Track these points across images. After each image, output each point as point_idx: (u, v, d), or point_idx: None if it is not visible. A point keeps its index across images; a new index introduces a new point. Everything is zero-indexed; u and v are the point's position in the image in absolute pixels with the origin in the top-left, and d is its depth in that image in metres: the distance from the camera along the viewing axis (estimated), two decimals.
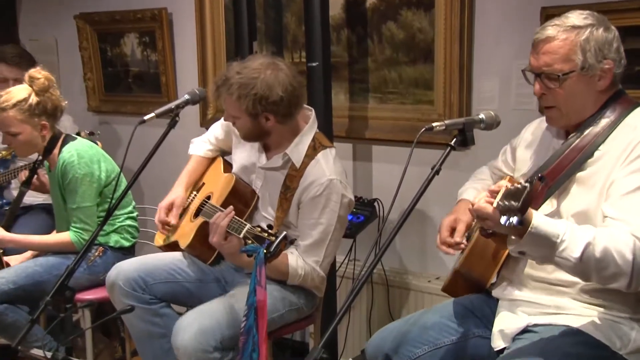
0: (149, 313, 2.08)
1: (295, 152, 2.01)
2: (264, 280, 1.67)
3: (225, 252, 1.89)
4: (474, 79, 2.45)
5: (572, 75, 1.52)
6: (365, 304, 2.73)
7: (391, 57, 2.61)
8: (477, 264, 1.69)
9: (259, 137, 2.02)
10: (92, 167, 2.42)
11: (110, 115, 3.67)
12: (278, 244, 1.67)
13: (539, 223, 1.36)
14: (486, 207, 1.36)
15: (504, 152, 1.88)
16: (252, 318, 1.69)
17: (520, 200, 1.25)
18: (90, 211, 2.42)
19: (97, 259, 2.48)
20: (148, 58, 3.42)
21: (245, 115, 1.94)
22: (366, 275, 1.39)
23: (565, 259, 1.37)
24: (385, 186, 2.70)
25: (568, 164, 1.54)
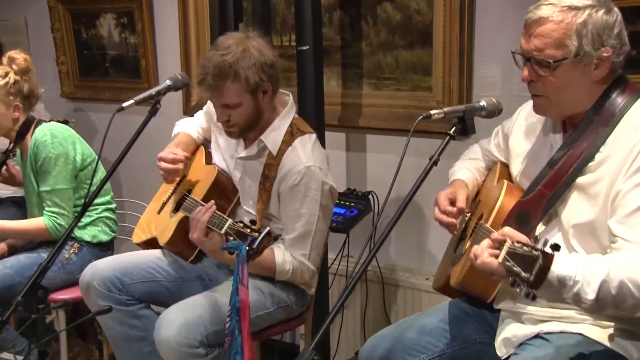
0: (127, 315, 2.07)
1: (271, 138, 2.01)
2: (246, 279, 1.67)
3: (207, 249, 1.89)
4: (475, 63, 2.45)
5: (565, 63, 1.46)
6: (359, 303, 2.74)
7: (387, 41, 2.61)
8: (475, 283, 1.62)
9: (254, 124, 2.00)
10: (67, 147, 2.42)
11: (86, 102, 3.64)
12: (261, 240, 1.67)
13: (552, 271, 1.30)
14: (491, 262, 1.33)
15: (496, 134, 1.85)
16: (234, 319, 1.69)
17: (533, 273, 1.23)
18: (65, 194, 2.41)
19: (72, 256, 2.47)
20: (126, 40, 3.39)
21: (247, 95, 1.92)
22: (360, 272, 1.39)
23: (580, 301, 1.34)
24: (380, 178, 2.71)
25: (567, 171, 1.50)
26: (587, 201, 1.47)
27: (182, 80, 1.98)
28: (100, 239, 2.54)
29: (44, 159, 2.38)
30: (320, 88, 2.51)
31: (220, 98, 1.93)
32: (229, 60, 1.89)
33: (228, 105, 1.94)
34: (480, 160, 1.89)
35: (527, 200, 1.54)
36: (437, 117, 1.54)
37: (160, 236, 2.14)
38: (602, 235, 1.46)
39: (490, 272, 1.35)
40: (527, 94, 2.30)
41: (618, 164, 1.44)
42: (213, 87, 1.91)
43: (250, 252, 1.67)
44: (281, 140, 2.00)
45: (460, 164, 1.89)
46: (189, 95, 3.19)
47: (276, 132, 2.01)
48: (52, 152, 2.38)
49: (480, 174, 1.87)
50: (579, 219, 1.48)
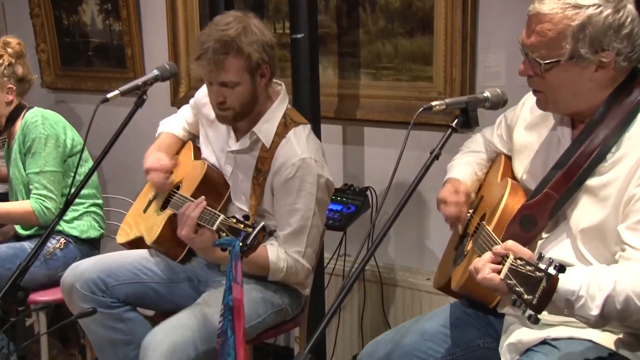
0: (111, 318, 2.07)
1: (263, 130, 2.01)
2: (240, 277, 1.67)
3: (197, 246, 1.89)
4: (479, 52, 2.45)
5: (559, 65, 1.45)
6: (356, 304, 2.75)
7: (385, 28, 2.61)
8: (477, 288, 1.59)
9: (249, 109, 1.99)
10: (58, 130, 2.47)
11: (68, 92, 3.63)
12: (255, 235, 1.67)
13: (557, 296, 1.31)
14: (492, 278, 1.33)
15: (499, 125, 1.84)
16: (227, 319, 1.69)
17: (536, 296, 1.23)
18: (55, 177, 2.43)
19: (57, 251, 2.47)
20: (111, 28, 3.38)
21: (246, 75, 1.92)
22: (357, 272, 1.39)
23: (584, 317, 1.35)
24: (379, 173, 2.71)
25: (577, 172, 1.48)
26: (597, 204, 1.46)
27: (170, 69, 1.97)
28: (90, 234, 2.54)
29: (33, 139, 2.42)
30: (315, 78, 2.50)
31: (220, 74, 1.92)
32: (231, 35, 1.89)
33: (226, 84, 1.93)
34: (482, 152, 1.89)
35: (533, 204, 1.53)
36: (438, 108, 1.53)
37: (147, 235, 2.14)
38: (610, 241, 1.45)
39: (491, 288, 1.36)
40: None
41: (632, 166, 1.42)
42: (214, 62, 1.89)
43: (244, 248, 1.66)
44: (274, 132, 2.00)
45: (459, 158, 1.89)
46: (177, 85, 3.18)
47: (269, 124, 2.01)
48: (42, 133, 2.43)
49: (481, 168, 1.86)
50: (587, 223, 1.47)
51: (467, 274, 1.61)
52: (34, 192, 2.42)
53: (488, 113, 1.67)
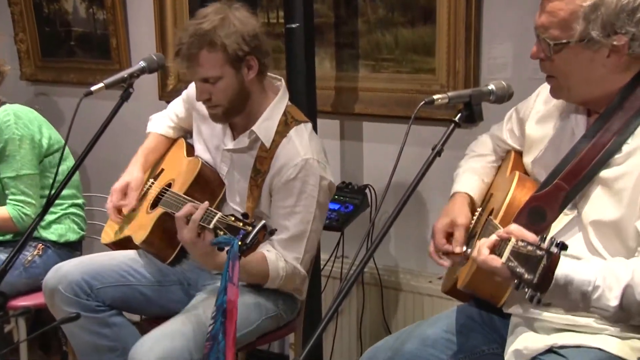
0: (96, 323, 2.07)
1: (263, 129, 2.01)
2: (236, 277, 1.66)
3: (198, 252, 1.83)
4: (483, 42, 2.46)
5: (568, 47, 1.47)
6: (355, 309, 2.76)
7: (385, 17, 2.61)
8: (484, 285, 1.63)
9: (240, 106, 2.00)
10: (32, 129, 2.44)
11: (49, 85, 3.63)
12: (255, 234, 1.67)
13: (565, 272, 1.32)
14: (493, 260, 1.35)
15: (509, 119, 1.85)
16: (219, 321, 1.69)
17: (537, 274, 1.24)
18: (32, 180, 2.42)
19: (35, 258, 2.47)
20: (94, 16, 3.38)
21: (228, 68, 1.93)
22: (356, 274, 1.40)
23: (602, 309, 1.35)
24: (378, 170, 2.72)
25: (590, 163, 1.49)
26: (611, 197, 1.47)
27: (157, 61, 1.98)
28: (68, 238, 2.54)
29: (7, 140, 2.39)
30: (311, 70, 2.51)
31: (197, 70, 1.93)
32: (205, 28, 1.90)
33: (207, 80, 1.94)
34: (490, 154, 1.88)
35: (542, 195, 1.54)
36: (440, 102, 1.54)
37: (136, 234, 2.14)
38: (627, 237, 1.45)
39: (492, 272, 1.37)
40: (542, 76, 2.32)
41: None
42: (188, 57, 1.92)
43: (243, 247, 1.66)
44: (274, 130, 2.00)
45: (465, 164, 1.88)
46: (166, 78, 3.18)
47: (269, 122, 2.01)
48: (16, 134, 2.39)
49: (489, 173, 1.86)
50: (600, 216, 1.48)
51: (472, 272, 1.63)
52: (10, 197, 2.41)
53: (493, 107, 1.67)
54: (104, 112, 1.87)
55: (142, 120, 2.36)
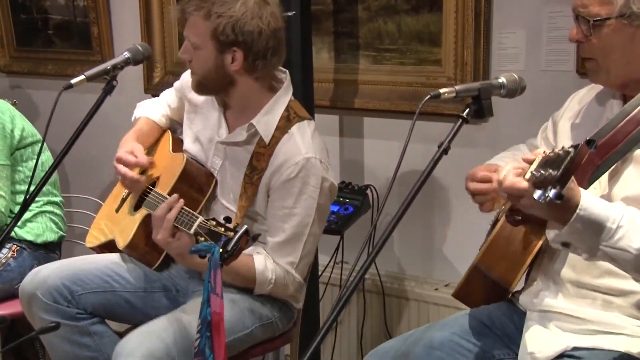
0: (76, 331, 2.07)
1: (263, 123, 2.02)
2: (220, 288, 1.67)
3: (173, 252, 1.90)
4: (493, 31, 2.47)
5: (608, 23, 1.53)
6: (355, 318, 2.77)
7: (388, 4, 2.62)
8: (498, 261, 1.69)
9: (217, 86, 2.02)
10: (3, 118, 2.44)
11: (25, 77, 3.63)
12: (237, 240, 1.68)
13: (590, 204, 1.36)
14: (517, 181, 1.36)
15: (545, 128, 1.90)
16: (205, 335, 1.70)
17: (561, 168, 1.24)
18: (3, 172, 2.42)
19: (10, 260, 2.47)
20: (74, 3, 3.38)
21: (210, 42, 1.96)
22: (356, 281, 1.41)
23: (623, 250, 1.37)
24: (380, 169, 2.73)
25: (623, 139, 1.53)
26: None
27: (143, 51, 1.99)
28: (46, 238, 2.54)
29: None
30: (308, 62, 2.52)
31: (186, 27, 2.01)
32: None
33: (189, 40, 2.00)
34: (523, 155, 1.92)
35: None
36: (447, 96, 1.55)
37: (119, 238, 2.15)
38: None
39: (517, 194, 1.36)
40: (556, 68, 2.36)
41: None
42: (180, 11, 2.00)
43: (224, 255, 1.67)
44: (275, 125, 2.01)
45: (497, 157, 1.92)
46: (152, 70, 3.19)
47: (270, 116, 2.02)
48: None
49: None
50: (631, 192, 1.52)
51: (487, 245, 1.67)
52: None
53: (504, 102, 1.68)
54: (84, 107, 1.88)
55: (126, 116, 2.36)
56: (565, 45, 2.29)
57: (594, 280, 1.59)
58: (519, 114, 2.36)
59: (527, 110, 2.32)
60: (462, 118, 1.55)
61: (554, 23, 2.35)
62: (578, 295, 1.60)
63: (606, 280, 1.57)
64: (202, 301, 1.71)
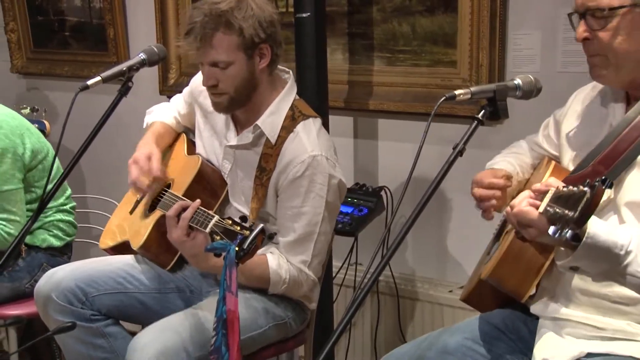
0: (90, 333, 2.08)
1: (268, 124, 2.02)
2: (235, 286, 1.68)
3: (187, 252, 1.90)
4: (509, 32, 2.46)
5: (623, 12, 1.51)
6: (369, 319, 2.76)
7: (402, 5, 2.62)
8: (510, 274, 1.67)
9: (246, 96, 2.01)
10: (14, 140, 2.42)
11: (41, 78, 3.66)
12: (253, 239, 1.68)
13: (597, 231, 1.36)
14: (529, 211, 1.37)
15: (546, 125, 1.89)
16: (221, 333, 1.71)
17: (578, 209, 1.24)
18: (15, 196, 2.41)
19: (19, 261, 2.49)
20: (90, 4, 3.40)
21: (240, 54, 1.94)
22: (370, 283, 1.41)
23: (633, 275, 1.38)
24: (395, 170, 2.72)
25: (627, 147, 1.52)
26: None
27: (158, 53, 1.99)
28: (51, 243, 2.55)
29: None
30: (322, 63, 2.52)
31: (209, 52, 1.94)
32: (222, 8, 1.91)
33: (217, 64, 1.95)
34: (526, 155, 1.92)
35: (577, 177, 1.56)
36: (462, 98, 1.55)
37: (133, 239, 2.15)
38: None
39: (526, 223, 1.38)
40: (572, 69, 2.35)
41: None
42: (201, 38, 1.92)
43: (240, 253, 1.67)
44: (280, 125, 2.01)
45: (500, 157, 1.92)
46: (167, 71, 3.20)
47: (275, 116, 2.02)
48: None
49: (524, 170, 1.89)
50: (635, 197, 1.51)
51: (498, 259, 1.65)
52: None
53: (519, 103, 1.68)
54: (100, 108, 1.88)
55: (141, 117, 2.37)
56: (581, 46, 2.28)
57: (603, 288, 1.58)
58: (534, 116, 2.34)
59: (542, 112, 2.29)
60: (478, 120, 1.55)
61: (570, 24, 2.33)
62: (588, 304, 1.60)
63: (617, 288, 1.56)
64: (218, 299, 1.72)
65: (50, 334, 1.88)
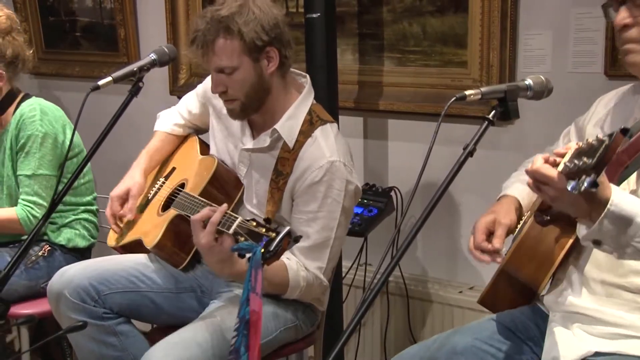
0: (102, 331, 2.08)
1: (286, 128, 2.02)
2: (259, 287, 1.66)
3: (216, 257, 1.82)
4: (520, 32, 2.45)
5: None
6: (379, 320, 2.76)
7: (412, 5, 2.62)
8: (526, 262, 1.68)
9: (258, 101, 2.01)
10: (57, 128, 2.47)
11: (52, 78, 3.67)
12: (280, 241, 1.66)
13: (621, 199, 1.34)
14: (547, 167, 1.34)
15: (567, 133, 1.88)
16: (242, 334, 1.69)
17: (596, 156, 1.22)
18: (48, 182, 2.44)
19: (40, 259, 2.50)
20: (101, 5, 3.42)
21: (245, 58, 1.94)
22: (380, 283, 1.41)
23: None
24: (405, 171, 2.72)
25: None
26: None
27: (169, 53, 2.00)
28: (77, 243, 2.56)
29: (28, 136, 2.42)
30: (332, 63, 2.52)
31: (213, 59, 1.95)
32: (222, 14, 1.92)
33: (222, 70, 1.96)
34: None
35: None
36: (473, 98, 1.54)
37: (146, 238, 2.16)
38: None
39: (543, 180, 1.35)
40: (583, 70, 2.34)
41: None
42: (203, 45, 1.94)
43: (266, 255, 1.65)
44: (299, 130, 2.01)
45: (515, 177, 1.90)
46: (177, 71, 3.21)
47: (293, 121, 2.02)
48: (39, 130, 2.42)
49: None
50: None
51: (514, 247, 1.66)
52: (22, 197, 2.43)
53: (529, 103, 1.67)
54: (110, 108, 1.89)
55: (151, 117, 2.38)
56: (593, 46, 2.27)
57: (619, 279, 1.57)
58: (545, 116, 2.35)
59: (553, 113, 2.30)
60: (488, 120, 1.54)
61: (581, 24, 2.32)
62: (602, 295, 1.59)
63: (632, 278, 1.55)
64: (241, 301, 1.71)
65: (61, 333, 1.88)
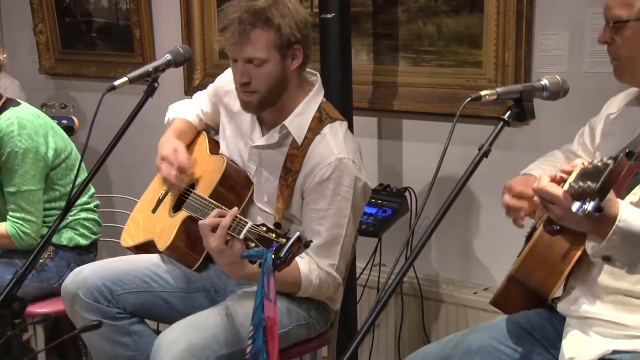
0: (116, 331, 2.10)
1: (295, 124, 2.02)
2: (273, 293, 1.66)
3: (226, 260, 1.84)
4: (535, 32, 2.44)
5: (629, 26, 1.57)
6: (393, 321, 2.76)
7: (427, 5, 2.61)
8: (537, 269, 1.68)
9: (277, 96, 2.01)
10: (37, 140, 2.43)
11: (68, 79, 3.70)
12: (290, 247, 1.66)
13: (629, 215, 1.35)
14: (554, 186, 1.35)
15: (581, 133, 1.88)
16: (260, 340, 1.69)
17: (600, 180, 1.23)
18: (33, 197, 2.43)
19: (47, 261, 2.51)
20: (117, 6, 3.44)
21: (275, 53, 1.95)
22: (394, 284, 1.41)
23: None
24: (419, 171, 2.71)
25: None
26: None
27: (184, 54, 2.00)
28: (78, 242, 2.57)
29: (8, 153, 2.38)
30: (347, 64, 2.52)
31: (246, 48, 1.94)
32: (260, 5, 1.92)
33: (252, 60, 1.95)
34: (561, 163, 1.89)
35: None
36: (488, 98, 1.54)
37: (159, 239, 2.17)
38: None
39: (550, 199, 1.36)
40: (600, 70, 2.32)
41: None
42: (239, 33, 1.92)
43: (277, 261, 1.65)
44: (307, 126, 2.02)
45: (534, 164, 1.91)
46: (192, 72, 3.22)
47: (302, 117, 2.03)
48: (18, 147, 2.38)
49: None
50: None
51: (525, 253, 1.67)
52: (10, 214, 2.43)
53: (545, 104, 1.66)
54: (125, 108, 1.90)
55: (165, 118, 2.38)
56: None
57: (633, 286, 1.57)
58: (561, 117, 2.33)
59: (569, 113, 2.28)
60: (504, 121, 1.54)
61: (597, 24, 2.28)
62: (616, 302, 1.59)
63: None
64: (255, 307, 1.71)
65: (76, 332, 1.89)
